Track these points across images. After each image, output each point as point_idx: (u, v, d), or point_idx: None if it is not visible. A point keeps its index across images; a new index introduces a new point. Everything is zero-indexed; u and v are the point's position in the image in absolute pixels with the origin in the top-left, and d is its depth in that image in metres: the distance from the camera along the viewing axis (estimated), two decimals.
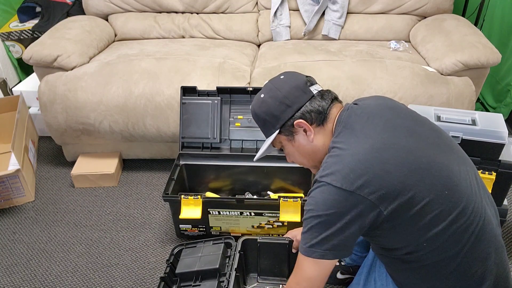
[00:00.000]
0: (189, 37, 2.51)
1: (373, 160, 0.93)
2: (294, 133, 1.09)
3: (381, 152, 0.95)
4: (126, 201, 2.06)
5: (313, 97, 1.07)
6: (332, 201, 0.93)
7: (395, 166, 0.93)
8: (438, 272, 1.00)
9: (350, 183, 0.92)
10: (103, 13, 2.55)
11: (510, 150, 1.50)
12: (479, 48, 1.97)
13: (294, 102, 1.07)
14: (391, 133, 0.99)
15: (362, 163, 0.93)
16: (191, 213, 1.67)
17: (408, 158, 0.95)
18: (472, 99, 1.96)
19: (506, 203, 1.53)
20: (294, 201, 1.62)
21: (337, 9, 2.39)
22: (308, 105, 1.06)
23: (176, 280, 1.51)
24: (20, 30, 2.69)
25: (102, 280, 1.67)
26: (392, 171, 0.93)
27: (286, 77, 1.12)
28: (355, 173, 0.92)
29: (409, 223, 0.95)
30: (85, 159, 2.20)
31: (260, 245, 1.56)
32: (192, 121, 1.93)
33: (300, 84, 1.08)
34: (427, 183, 0.94)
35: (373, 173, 0.92)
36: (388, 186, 0.92)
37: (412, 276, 1.06)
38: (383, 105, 1.09)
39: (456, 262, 0.98)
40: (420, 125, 1.05)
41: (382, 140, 0.97)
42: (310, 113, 1.06)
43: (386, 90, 1.95)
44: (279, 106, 1.08)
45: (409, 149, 0.97)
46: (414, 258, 1.00)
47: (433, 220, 0.94)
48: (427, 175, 0.94)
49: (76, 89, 2.01)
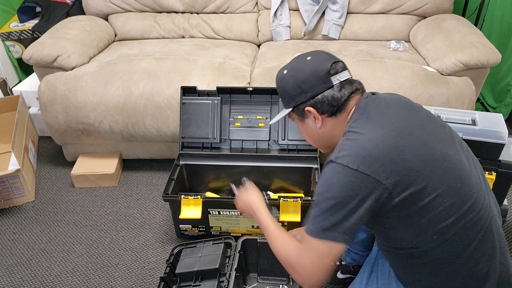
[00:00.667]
0: (189, 37, 2.51)
1: (391, 146, 0.94)
2: (305, 116, 1.11)
3: (398, 139, 0.96)
4: (126, 201, 2.06)
5: (332, 87, 1.06)
6: (347, 182, 0.93)
7: (411, 155, 0.94)
8: (444, 269, 1.00)
9: (367, 166, 0.92)
10: (103, 13, 2.55)
11: (510, 150, 1.50)
12: (479, 48, 1.97)
13: (310, 89, 1.07)
14: (407, 123, 1.00)
15: (379, 148, 0.93)
16: (191, 213, 1.67)
17: (423, 148, 0.96)
18: (472, 99, 1.96)
19: (506, 203, 1.53)
20: (294, 201, 1.62)
21: (337, 9, 2.39)
22: (324, 94, 1.06)
23: (176, 280, 1.51)
24: (20, 30, 2.69)
25: (102, 280, 1.67)
26: (408, 159, 0.93)
27: (312, 59, 1.10)
28: (372, 156, 0.92)
29: (419, 213, 0.95)
30: (85, 159, 2.20)
31: (260, 245, 1.56)
32: (192, 121, 1.93)
33: (321, 72, 1.06)
34: (440, 175, 0.95)
35: (390, 158, 0.92)
36: (403, 173, 0.92)
37: (417, 273, 1.06)
38: (399, 100, 1.10)
39: (462, 259, 0.98)
40: (433, 121, 1.07)
41: (398, 128, 0.98)
42: (323, 103, 1.06)
43: (386, 90, 1.95)
44: (295, 89, 1.09)
45: (423, 141, 0.98)
46: (421, 253, 1.00)
47: (444, 212, 0.95)
48: (440, 166, 0.95)
49: (76, 89, 2.01)
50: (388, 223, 0.99)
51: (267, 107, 1.93)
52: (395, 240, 1.04)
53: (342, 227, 0.94)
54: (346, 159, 0.94)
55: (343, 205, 0.93)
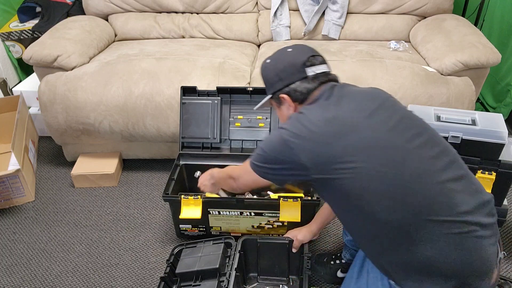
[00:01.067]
0: (189, 37, 2.51)
1: (321, 130, 1.06)
2: (281, 103, 1.24)
3: (333, 126, 1.06)
4: (126, 201, 2.06)
5: (306, 78, 1.18)
6: (276, 146, 1.12)
7: (338, 141, 1.04)
8: (386, 249, 1.05)
9: (292, 142, 1.07)
10: (103, 13, 2.55)
11: (510, 150, 1.50)
12: (479, 48, 1.97)
13: (286, 78, 1.19)
14: (352, 114, 1.08)
15: (309, 130, 1.07)
16: (191, 213, 1.67)
17: (352, 135, 1.04)
18: (472, 99, 1.96)
19: (506, 203, 1.53)
20: (294, 201, 1.62)
21: (337, 9, 2.39)
22: (297, 83, 1.18)
23: (176, 280, 1.51)
24: (20, 30, 2.69)
25: (102, 280, 1.67)
26: (332, 144, 1.04)
27: (293, 51, 1.23)
28: (301, 135, 1.07)
29: (336, 192, 1.07)
30: (85, 159, 2.20)
31: (260, 245, 1.56)
32: (192, 121, 1.93)
33: (298, 63, 1.18)
34: (363, 160, 1.01)
35: (313, 140, 1.05)
36: (325, 155, 1.04)
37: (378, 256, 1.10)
38: (365, 92, 1.17)
39: (398, 240, 1.02)
40: (385, 110, 1.10)
41: (338, 117, 1.07)
42: (296, 91, 1.18)
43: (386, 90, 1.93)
44: (274, 77, 1.22)
45: (357, 129, 1.05)
46: (370, 235, 1.08)
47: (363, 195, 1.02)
48: (366, 152, 1.02)
49: (76, 89, 2.01)
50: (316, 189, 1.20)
51: (267, 107, 1.93)
52: (332, 207, 1.18)
53: (268, 173, 1.17)
54: (284, 129, 1.11)
55: (268, 161, 1.15)
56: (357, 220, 1.09)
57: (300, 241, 1.53)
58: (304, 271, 1.42)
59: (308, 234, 1.54)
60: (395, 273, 1.07)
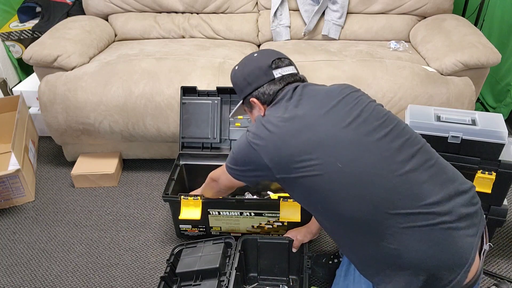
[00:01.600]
0: (189, 37, 2.51)
1: (280, 132, 1.09)
2: (252, 107, 1.26)
3: (292, 125, 1.08)
4: (126, 201, 2.06)
5: (273, 80, 1.20)
6: (242, 148, 1.17)
7: (296, 141, 1.06)
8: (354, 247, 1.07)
9: (255, 144, 1.12)
10: (103, 13, 2.55)
11: (510, 150, 1.50)
12: (479, 48, 1.97)
13: (254, 81, 1.23)
14: (311, 113, 1.10)
15: (270, 131, 1.10)
16: (191, 214, 1.67)
17: (307, 133, 1.06)
18: (472, 99, 1.96)
19: (506, 203, 1.53)
20: (294, 201, 1.62)
21: (337, 9, 2.39)
22: (265, 86, 1.21)
23: (177, 279, 1.51)
24: (20, 30, 2.69)
25: (102, 280, 1.67)
26: (292, 144, 1.06)
27: (258, 55, 1.27)
28: (262, 137, 1.11)
29: (301, 189, 1.09)
30: (85, 159, 2.20)
31: (260, 245, 1.56)
32: (192, 121, 1.93)
33: (264, 66, 1.22)
34: (320, 156, 1.03)
35: (272, 141, 1.09)
36: (282, 155, 1.07)
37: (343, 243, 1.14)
38: (327, 89, 1.18)
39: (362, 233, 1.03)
40: (349, 106, 1.11)
41: (297, 117, 1.10)
42: (264, 94, 1.21)
43: (386, 90, 1.95)
44: (242, 82, 1.26)
45: (314, 127, 1.07)
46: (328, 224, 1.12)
47: (323, 190, 1.04)
48: (321, 148, 1.04)
49: (76, 89, 2.01)
50: (284, 188, 1.17)
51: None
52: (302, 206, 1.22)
53: (239, 175, 1.22)
54: (249, 132, 1.16)
55: (236, 162, 1.20)
56: (325, 218, 1.11)
57: (300, 241, 1.53)
58: (304, 270, 1.43)
59: (308, 234, 1.54)
60: (367, 270, 1.08)
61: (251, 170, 1.17)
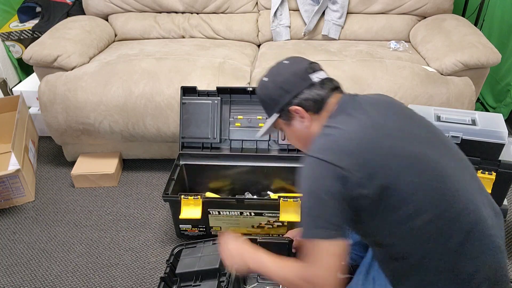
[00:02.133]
0: (189, 37, 2.51)
1: (364, 141, 0.97)
2: (291, 118, 1.12)
3: (373, 135, 0.98)
4: (126, 201, 2.06)
5: (313, 85, 1.09)
6: (319, 174, 0.95)
7: (385, 151, 0.96)
8: (423, 269, 1.00)
9: (339, 159, 0.94)
10: (103, 13, 2.55)
11: (510, 150, 1.50)
12: (479, 48, 1.97)
13: (292, 88, 1.10)
14: (384, 123, 1.02)
15: (352, 141, 0.97)
16: (191, 213, 1.67)
17: (397, 145, 0.97)
18: (472, 99, 1.96)
19: (506, 203, 1.54)
20: (294, 201, 1.62)
21: (337, 9, 2.39)
22: (306, 92, 1.09)
23: (176, 280, 1.51)
24: (20, 30, 2.69)
25: (102, 280, 1.67)
26: (381, 154, 0.96)
27: (289, 62, 1.15)
28: (344, 150, 0.96)
29: (392, 209, 0.95)
30: (85, 159, 2.20)
31: (260, 245, 1.56)
32: (192, 121, 1.93)
33: (300, 71, 1.11)
34: (413, 173, 0.95)
35: (362, 153, 0.95)
36: (375, 168, 0.94)
37: (401, 273, 1.05)
38: (381, 100, 1.12)
39: (443, 260, 0.97)
40: (414, 120, 1.07)
41: (374, 126, 1.00)
42: (307, 100, 1.08)
43: (386, 90, 1.95)
44: (277, 91, 1.11)
45: (399, 137, 0.99)
46: (402, 252, 1.00)
47: (417, 211, 0.94)
48: (415, 164, 0.96)
49: (76, 89, 2.01)
50: (366, 219, 0.99)
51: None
52: (373, 237, 1.05)
53: (327, 220, 0.94)
54: (319, 152, 0.97)
55: (319, 196, 0.94)
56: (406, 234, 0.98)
57: (300, 241, 1.53)
58: None
59: None
60: None
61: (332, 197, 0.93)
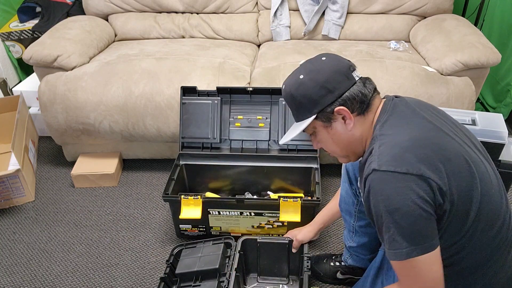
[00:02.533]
0: (189, 37, 2.51)
1: (432, 146, 0.91)
2: (332, 120, 1.02)
3: (437, 139, 0.93)
4: (126, 201, 2.06)
5: (356, 84, 1.01)
6: (403, 188, 0.87)
7: (453, 155, 0.91)
8: (467, 278, 0.99)
9: (416, 167, 0.87)
10: (103, 13, 2.55)
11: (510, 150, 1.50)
12: (479, 48, 1.97)
13: (336, 87, 1.00)
14: (440, 125, 0.97)
15: (422, 147, 0.90)
16: (191, 213, 1.67)
17: (461, 150, 0.93)
18: (472, 99, 1.96)
19: None
20: (294, 201, 1.62)
21: (337, 9, 2.39)
22: (351, 91, 1.00)
23: (176, 280, 1.51)
24: (20, 30, 2.69)
25: (102, 280, 1.67)
26: (451, 159, 0.90)
27: (328, 59, 1.04)
28: (418, 156, 0.88)
29: (462, 216, 0.91)
30: (85, 159, 2.20)
31: (260, 245, 1.56)
32: (192, 121, 1.93)
33: (343, 69, 1.01)
34: (479, 178, 0.93)
35: (435, 157, 0.89)
36: (450, 173, 0.89)
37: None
38: (422, 102, 1.07)
39: (486, 267, 0.97)
40: (457, 125, 1.05)
41: (435, 129, 0.95)
42: (352, 100, 1.00)
43: (386, 90, 1.95)
44: (319, 90, 1.00)
45: (460, 143, 0.96)
46: (451, 261, 0.96)
47: (482, 219, 0.93)
48: (479, 171, 0.93)
49: (76, 89, 2.01)
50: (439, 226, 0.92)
51: (267, 107, 1.93)
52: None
53: (423, 235, 0.88)
54: (392, 164, 0.88)
55: (408, 213, 0.87)
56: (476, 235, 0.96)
57: (300, 241, 1.53)
58: (304, 271, 1.42)
59: (308, 234, 1.54)
60: None
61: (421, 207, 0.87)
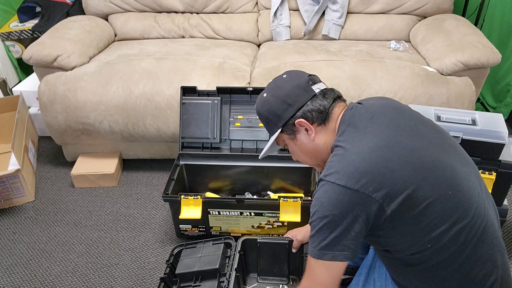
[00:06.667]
0: (189, 37, 2.51)
1: (377, 159, 0.94)
2: (296, 132, 1.10)
3: (385, 150, 0.95)
4: (126, 201, 2.06)
5: (315, 96, 1.07)
6: (337, 200, 0.93)
7: (399, 165, 0.94)
8: (440, 274, 1.00)
9: (355, 181, 0.92)
10: (103, 13, 2.55)
11: (510, 150, 1.50)
12: (479, 48, 1.97)
13: (295, 101, 1.08)
14: (395, 132, 1.00)
15: (366, 162, 0.94)
16: (191, 213, 1.67)
17: (412, 156, 0.96)
18: (472, 99, 1.96)
19: (506, 203, 1.53)
20: (294, 201, 1.62)
21: (337, 9, 2.39)
22: (309, 104, 1.07)
23: (176, 280, 1.51)
24: (20, 30, 2.69)
25: (102, 280, 1.67)
26: (396, 170, 0.93)
27: (288, 76, 1.13)
28: (360, 171, 0.93)
29: (412, 222, 0.95)
30: (85, 159, 2.20)
31: (260, 245, 1.56)
32: (192, 121, 1.93)
33: (302, 83, 1.09)
34: (430, 183, 0.94)
35: (377, 171, 0.92)
36: (392, 184, 0.92)
37: (414, 278, 1.05)
38: (387, 105, 1.10)
39: (458, 263, 0.98)
40: (424, 125, 1.06)
41: (386, 139, 0.98)
42: (312, 112, 1.07)
43: (386, 90, 1.95)
44: (280, 105, 1.09)
45: (412, 148, 0.97)
46: (417, 260, 1.00)
47: (436, 220, 0.94)
48: (430, 174, 0.95)
49: (76, 89, 2.01)
50: (382, 233, 0.98)
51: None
52: (391, 248, 1.04)
53: (340, 245, 0.94)
54: (334, 176, 0.94)
55: (335, 223, 0.93)
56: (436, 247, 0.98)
57: (300, 241, 1.53)
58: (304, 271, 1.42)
59: (308, 234, 1.53)
60: None
61: (350, 222, 0.93)
